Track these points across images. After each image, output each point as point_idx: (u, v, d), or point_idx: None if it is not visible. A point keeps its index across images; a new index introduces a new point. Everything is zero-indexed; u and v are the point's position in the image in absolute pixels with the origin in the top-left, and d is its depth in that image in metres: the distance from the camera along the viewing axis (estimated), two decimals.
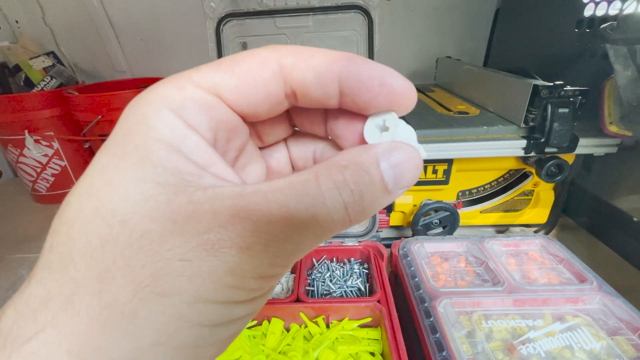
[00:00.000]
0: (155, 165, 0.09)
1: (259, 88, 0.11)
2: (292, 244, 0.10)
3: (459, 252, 0.43)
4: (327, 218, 0.10)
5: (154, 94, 0.10)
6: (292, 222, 0.09)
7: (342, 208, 0.10)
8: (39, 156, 0.81)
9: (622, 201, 0.54)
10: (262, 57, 0.11)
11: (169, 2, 0.92)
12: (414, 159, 0.11)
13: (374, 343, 0.34)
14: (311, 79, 0.11)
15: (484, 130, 0.55)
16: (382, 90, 0.11)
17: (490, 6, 0.90)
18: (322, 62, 0.11)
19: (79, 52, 0.99)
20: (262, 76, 0.11)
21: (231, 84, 0.11)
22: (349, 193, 0.10)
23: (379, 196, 0.10)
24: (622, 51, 0.43)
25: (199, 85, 0.10)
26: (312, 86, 0.11)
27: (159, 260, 0.09)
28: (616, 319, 0.32)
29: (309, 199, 0.09)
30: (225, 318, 0.10)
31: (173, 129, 0.10)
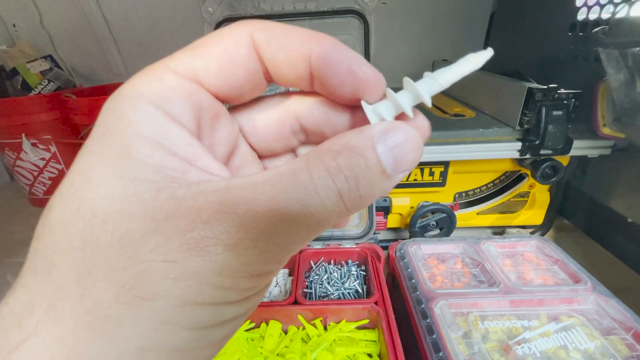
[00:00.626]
0: (136, 162, 0.09)
1: (238, 68, 0.10)
2: (284, 238, 0.09)
3: (456, 253, 0.44)
4: (320, 208, 0.09)
5: (131, 88, 0.10)
6: (282, 214, 0.09)
7: (335, 196, 0.09)
8: (36, 160, 0.81)
9: (616, 202, 0.54)
10: (235, 35, 0.10)
11: (167, 7, 0.93)
12: (414, 139, 0.10)
13: (372, 345, 0.35)
14: (282, 57, 0.10)
15: (479, 133, 0.56)
16: (348, 77, 0.10)
17: (486, 10, 0.91)
18: (294, 42, 0.10)
19: (77, 55, 0.99)
20: (239, 54, 0.10)
21: (210, 67, 0.10)
22: (343, 179, 0.09)
23: (377, 182, 0.10)
24: (614, 55, 0.44)
25: (177, 72, 0.10)
26: (283, 65, 0.11)
27: (142, 262, 0.08)
28: (610, 319, 0.32)
29: (299, 188, 0.09)
30: (217, 320, 0.09)
31: (154, 123, 0.09)
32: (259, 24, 0.10)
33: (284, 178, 0.09)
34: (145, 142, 0.09)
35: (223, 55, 0.10)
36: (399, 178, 0.10)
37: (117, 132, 0.09)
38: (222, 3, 0.42)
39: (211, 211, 0.09)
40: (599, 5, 0.55)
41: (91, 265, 0.08)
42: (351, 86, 0.11)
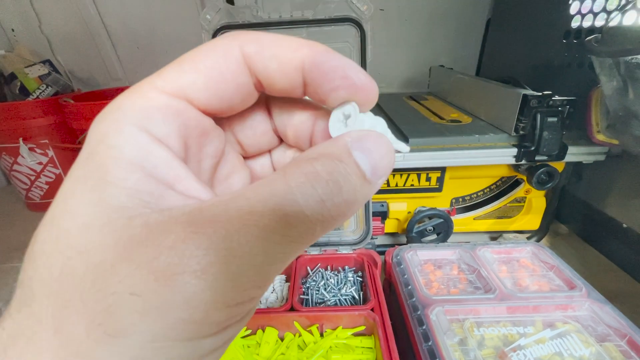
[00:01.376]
0: (111, 187, 0.08)
1: (228, 82, 0.10)
2: (262, 256, 0.08)
3: (452, 259, 0.44)
4: (301, 216, 0.08)
5: (115, 108, 0.09)
6: (257, 229, 0.08)
7: (317, 202, 0.09)
8: (33, 164, 0.80)
9: (611, 208, 0.55)
10: (224, 48, 0.10)
11: (165, 12, 0.93)
12: (385, 144, 0.10)
13: (368, 351, 0.35)
14: (275, 67, 0.10)
15: (475, 139, 0.56)
16: (343, 82, 0.10)
17: (482, 16, 0.92)
18: (286, 52, 0.10)
19: (75, 60, 0.99)
20: (229, 68, 0.10)
21: (198, 83, 0.10)
22: (324, 184, 0.09)
23: (359, 186, 0.09)
24: (607, 62, 0.45)
25: (164, 90, 0.10)
26: (276, 75, 0.10)
27: (111, 295, 0.08)
28: (605, 326, 0.32)
29: (276, 198, 0.08)
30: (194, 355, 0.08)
31: (136, 146, 0.09)
32: (248, 35, 0.10)
33: (258, 189, 0.09)
34: (123, 165, 0.09)
35: (212, 70, 0.10)
36: (378, 184, 0.10)
37: (97, 155, 0.09)
38: (220, 11, 0.43)
39: (178, 234, 0.08)
40: (592, 13, 0.56)
41: (66, 297, 0.08)
42: (346, 92, 0.11)
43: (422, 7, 0.94)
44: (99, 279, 0.08)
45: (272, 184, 0.09)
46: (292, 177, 0.09)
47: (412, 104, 0.80)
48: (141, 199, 0.09)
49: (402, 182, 0.60)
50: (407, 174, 0.59)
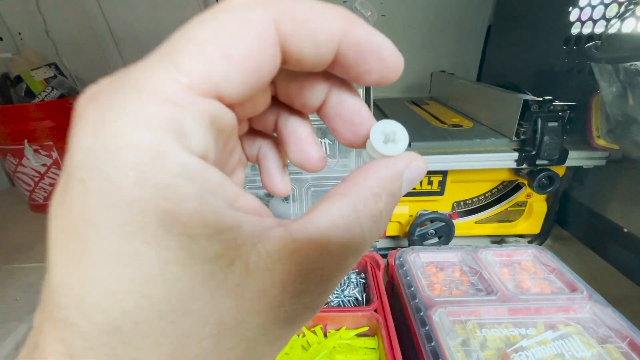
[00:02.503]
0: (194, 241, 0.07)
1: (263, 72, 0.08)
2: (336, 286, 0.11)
3: (454, 262, 0.44)
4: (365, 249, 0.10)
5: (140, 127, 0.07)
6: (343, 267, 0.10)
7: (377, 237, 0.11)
8: (38, 166, 0.81)
9: (612, 212, 0.55)
10: (258, 28, 0.08)
11: (170, 16, 0.95)
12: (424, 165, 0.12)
13: (371, 352, 0.35)
14: (310, 49, 0.09)
15: (477, 143, 0.57)
16: (379, 66, 0.10)
17: (483, 22, 0.94)
18: (323, 30, 0.09)
19: (81, 63, 1.01)
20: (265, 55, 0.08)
21: (232, 76, 0.08)
22: (384, 224, 0.11)
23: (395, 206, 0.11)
24: (606, 69, 0.45)
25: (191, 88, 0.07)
26: (309, 57, 0.09)
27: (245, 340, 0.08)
28: (606, 328, 0.32)
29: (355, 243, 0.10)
30: None
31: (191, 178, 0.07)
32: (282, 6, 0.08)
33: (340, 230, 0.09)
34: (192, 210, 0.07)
35: (247, 59, 0.08)
36: None
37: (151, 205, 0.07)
38: None
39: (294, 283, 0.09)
40: (592, 20, 0.57)
41: None
42: (379, 74, 0.10)
43: (424, 13, 0.95)
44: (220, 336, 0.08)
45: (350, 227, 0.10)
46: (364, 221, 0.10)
47: (413, 108, 0.81)
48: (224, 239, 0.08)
49: None
50: None
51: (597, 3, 0.55)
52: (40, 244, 0.71)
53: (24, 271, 0.63)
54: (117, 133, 0.07)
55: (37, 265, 0.64)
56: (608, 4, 0.53)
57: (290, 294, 0.09)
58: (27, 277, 0.61)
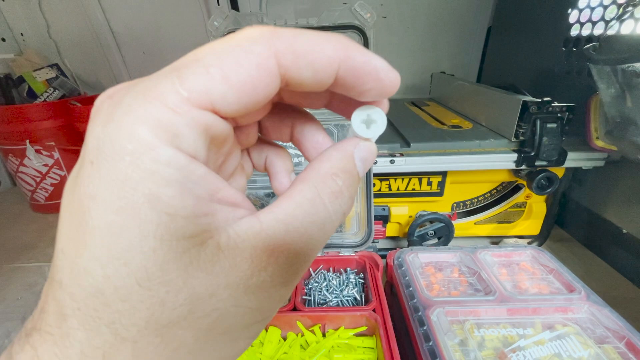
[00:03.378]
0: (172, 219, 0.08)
1: (259, 95, 0.10)
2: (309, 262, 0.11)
3: (453, 262, 0.44)
4: (333, 228, 0.11)
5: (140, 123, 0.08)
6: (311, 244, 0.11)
7: (342, 215, 0.11)
8: (39, 166, 0.82)
9: (611, 213, 0.55)
10: (259, 60, 0.09)
11: (171, 17, 0.95)
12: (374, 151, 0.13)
13: (369, 351, 0.35)
14: (309, 76, 0.10)
15: (476, 144, 0.57)
16: (376, 85, 0.11)
17: (483, 24, 0.94)
18: (322, 59, 0.10)
19: (82, 64, 1.01)
20: (262, 82, 0.09)
21: (228, 96, 0.09)
22: (346, 200, 0.11)
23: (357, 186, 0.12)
24: (605, 70, 0.45)
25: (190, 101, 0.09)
26: (309, 82, 0.10)
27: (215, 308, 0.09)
28: (603, 328, 0.33)
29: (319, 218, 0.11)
30: None
31: (177, 168, 0.09)
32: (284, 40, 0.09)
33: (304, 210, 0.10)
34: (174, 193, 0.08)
35: (244, 85, 0.09)
36: None
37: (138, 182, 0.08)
38: (227, 18, 0.44)
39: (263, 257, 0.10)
40: (590, 22, 0.57)
41: None
42: (377, 92, 0.11)
43: (424, 14, 0.95)
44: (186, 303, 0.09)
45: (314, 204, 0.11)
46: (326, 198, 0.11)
47: (413, 109, 0.81)
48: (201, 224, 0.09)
49: (404, 187, 0.61)
50: (408, 179, 0.60)
51: (596, 5, 0.55)
52: (41, 243, 0.71)
53: (26, 271, 0.63)
54: (121, 125, 0.08)
55: (39, 264, 0.64)
56: (607, 6, 0.53)
57: (258, 268, 0.10)
58: (29, 277, 0.61)
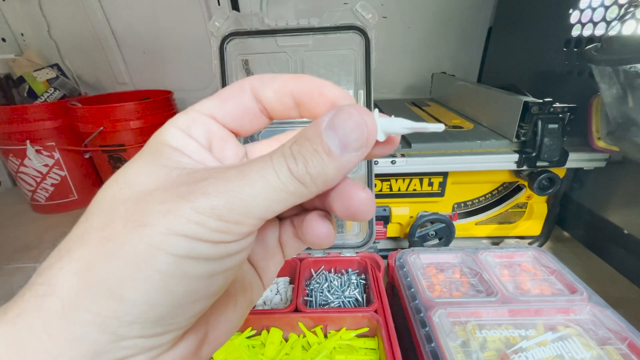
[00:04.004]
0: (161, 157, 0.13)
1: (239, 106, 0.15)
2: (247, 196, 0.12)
3: (454, 263, 0.44)
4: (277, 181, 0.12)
5: (169, 121, 0.15)
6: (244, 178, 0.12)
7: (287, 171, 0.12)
8: (40, 166, 0.81)
9: (613, 214, 0.55)
10: (240, 84, 0.15)
11: (172, 17, 0.95)
12: (353, 117, 0.12)
13: (371, 353, 0.35)
14: (272, 95, 0.15)
15: (477, 144, 0.57)
16: (321, 99, 0.14)
17: (483, 24, 0.94)
18: (278, 83, 0.15)
19: (83, 64, 1.01)
20: (241, 97, 0.15)
21: (220, 107, 0.15)
22: (292, 160, 0.12)
23: (326, 161, 0.12)
24: (606, 71, 0.45)
25: (197, 111, 0.15)
26: (274, 101, 0.15)
27: (147, 204, 0.12)
28: (605, 329, 0.33)
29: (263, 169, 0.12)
30: (191, 252, 0.11)
31: (177, 138, 0.14)
32: (256, 76, 0.15)
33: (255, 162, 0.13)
34: (169, 148, 0.14)
35: (229, 98, 0.15)
36: (351, 157, 0.12)
37: (153, 143, 0.14)
38: (229, 18, 0.44)
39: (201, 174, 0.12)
40: (592, 22, 0.57)
41: (114, 210, 0.12)
42: (325, 106, 0.14)
43: (425, 15, 0.95)
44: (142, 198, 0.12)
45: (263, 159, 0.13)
46: (275, 156, 0.12)
47: (414, 109, 0.81)
48: (181, 164, 0.13)
49: (405, 187, 0.61)
50: (409, 179, 0.60)
51: (598, 5, 0.55)
52: (41, 244, 0.71)
53: (26, 271, 0.63)
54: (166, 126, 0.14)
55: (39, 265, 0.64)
56: (608, 6, 0.53)
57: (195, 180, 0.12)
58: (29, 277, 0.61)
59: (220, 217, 0.11)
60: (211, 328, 0.15)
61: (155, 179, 0.12)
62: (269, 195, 0.12)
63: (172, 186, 0.12)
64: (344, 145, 0.12)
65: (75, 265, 0.11)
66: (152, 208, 0.11)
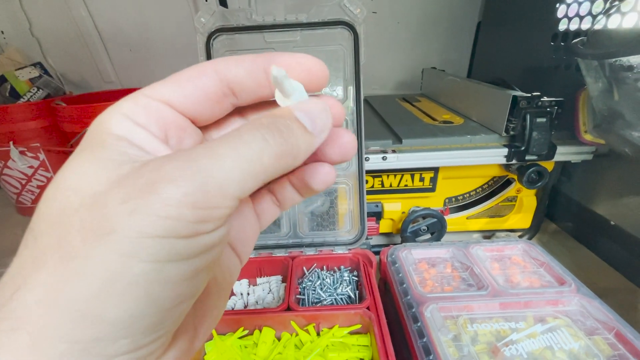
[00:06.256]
0: (105, 149, 0.12)
1: (199, 90, 0.13)
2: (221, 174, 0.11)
3: (445, 258, 0.45)
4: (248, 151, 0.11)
5: (111, 106, 0.13)
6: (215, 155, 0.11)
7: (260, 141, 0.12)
8: (24, 168, 0.79)
9: (600, 206, 0.56)
10: (199, 67, 0.14)
11: (158, 14, 0.93)
12: (319, 104, 0.14)
13: (364, 349, 0.35)
14: (243, 73, 0.14)
15: (467, 139, 0.57)
16: (298, 67, 0.14)
17: (472, 19, 0.94)
18: (249, 60, 0.14)
19: (67, 63, 0.98)
20: (202, 80, 0.13)
21: (177, 91, 0.13)
22: (267, 131, 0.12)
23: (302, 135, 0.13)
24: (592, 64, 0.46)
25: (148, 96, 0.13)
26: (245, 79, 0.14)
27: (104, 207, 0.10)
28: (593, 320, 0.33)
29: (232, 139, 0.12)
30: (170, 253, 0.10)
31: (122, 127, 0.12)
32: (220, 59, 0.14)
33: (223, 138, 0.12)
34: (114, 137, 0.12)
35: (187, 82, 0.13)
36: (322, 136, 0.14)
37: (95, 133, 0.12)
38: (215, 14, 0.43)
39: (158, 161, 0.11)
40: (578, 16, 0.57)
41: (67, 223, 0.10)
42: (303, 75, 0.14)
43: (414, 10, 0.95)
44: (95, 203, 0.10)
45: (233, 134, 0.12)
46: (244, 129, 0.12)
47: (405, 105, 0.81)
48: (130, 157, 0.12)
49: (396, 183, 0.61)
50: (400, 175, 0.60)
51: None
52: None
53: None
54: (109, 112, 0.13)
55: None
56: (594, 0, 0.53)
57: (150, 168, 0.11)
58: None
59: (195, 205, 0.10)
60: (199, 322, 0.14)
61: (104, 178, 0.11)
62: (244, 169, 0.11)
63: (128, 181, 0.10)
64: (313, 124, 0.13)
65: (36, 293, 0.10)
66: (113, 211, 0.10)
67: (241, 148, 0.11)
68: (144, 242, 0.10)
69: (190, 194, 0.10)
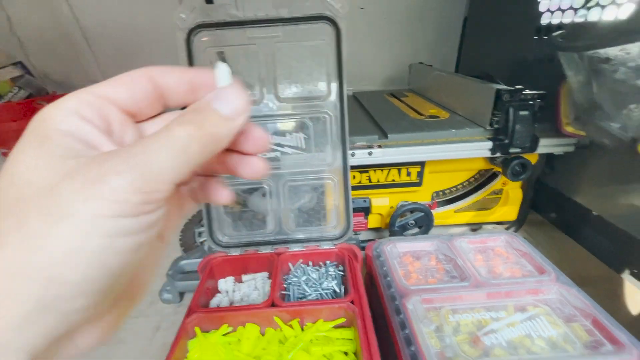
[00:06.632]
0: (51, 145, 0.13)
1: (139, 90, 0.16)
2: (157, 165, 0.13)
3: (430, 250, 0.45)
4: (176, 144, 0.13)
5: (55, 102, 0.14)
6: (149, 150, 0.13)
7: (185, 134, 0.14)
8: None
9: (582, 196, 0.57)
10: (133, 74, 0.16)
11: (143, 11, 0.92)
12: (233, 88, 0.16)
13: (348, 343, 0.35)
14: (173, 81, 0.16)
15: (453, 133, 0.57)
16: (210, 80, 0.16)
17: (459, 15, 0.94)
18: (179, 72, 0.16)
19: (50, 62, 0.97)
20: (140, 82, 0.16)
21: (117, 91, 0.15)
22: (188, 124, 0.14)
23: (220, 122, 0.15)
24: (573, 57, 0.46)
25: (92, 93, 0.15)
26: (174, 86, 0.16)
27: (59, 196, 0.12)
28: (571, 307, 0.34)
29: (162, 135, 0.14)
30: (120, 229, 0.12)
31: (68, 122, 0.14)
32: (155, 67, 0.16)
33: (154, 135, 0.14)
34: (59, 133, 0.13)
35: (122, 85, 0.16)
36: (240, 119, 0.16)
37: (40, 129, 0.13)
38: (195, 10, 0.42)
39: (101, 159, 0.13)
40: (560, 10, 0.58)
41: (24, 210, 0.12)
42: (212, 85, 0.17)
43: (401, 5, 0.95)
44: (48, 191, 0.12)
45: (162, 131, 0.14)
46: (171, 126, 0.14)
47: (392, 100, 0.81)
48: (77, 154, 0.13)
49: (384, 178, 0.61)
50: (387, 170, 0.60)
51: None
52: None
53: None
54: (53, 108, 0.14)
55: None
56: None
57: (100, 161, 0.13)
58: None
59: (139, 190, 0.12)
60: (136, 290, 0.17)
61: (53, 172, 0.12)
62: (175, 159, 0.13)
63: (79, 174, 0.12)
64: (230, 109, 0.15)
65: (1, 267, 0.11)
66: (68, 198, 0.12)
67: (171, 142, 0.13)
68: (99, 222, 0.12)
69: (133, 181, 0.12)
